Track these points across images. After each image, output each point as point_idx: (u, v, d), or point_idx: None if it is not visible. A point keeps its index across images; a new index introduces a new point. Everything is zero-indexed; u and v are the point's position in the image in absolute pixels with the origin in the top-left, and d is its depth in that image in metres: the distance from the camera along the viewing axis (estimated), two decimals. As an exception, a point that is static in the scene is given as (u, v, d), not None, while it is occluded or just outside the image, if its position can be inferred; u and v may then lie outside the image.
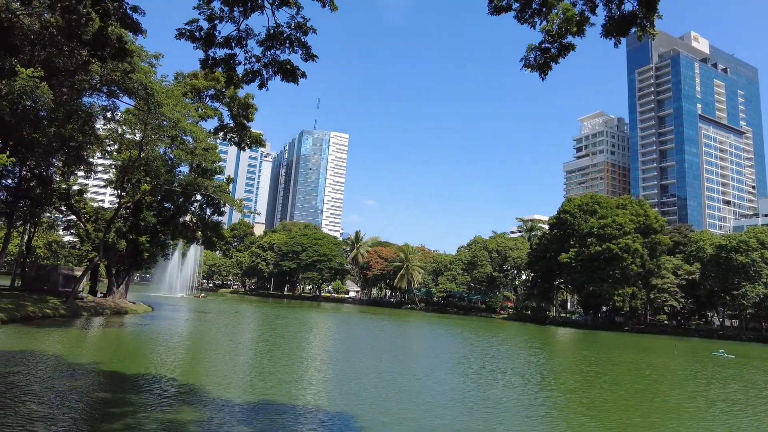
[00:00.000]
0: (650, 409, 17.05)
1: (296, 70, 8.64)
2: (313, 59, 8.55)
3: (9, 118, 27.90)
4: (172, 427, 10.88)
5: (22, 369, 15.67)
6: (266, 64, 8.61)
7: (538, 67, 8.18)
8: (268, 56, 8.54)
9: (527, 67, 8.28)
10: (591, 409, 16.73)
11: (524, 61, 8.28)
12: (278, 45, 8.38)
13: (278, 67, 8.59)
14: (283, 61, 8.54)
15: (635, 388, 22.16)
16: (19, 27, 26.43)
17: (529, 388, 20.20)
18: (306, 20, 8.20)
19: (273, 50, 8.47)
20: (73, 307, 34.85)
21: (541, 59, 8.11)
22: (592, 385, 22.05)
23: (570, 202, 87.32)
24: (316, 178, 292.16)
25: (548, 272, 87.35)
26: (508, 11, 7.91)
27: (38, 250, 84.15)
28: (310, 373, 19.90)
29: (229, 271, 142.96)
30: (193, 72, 47.20)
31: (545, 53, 8.05)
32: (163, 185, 42.41)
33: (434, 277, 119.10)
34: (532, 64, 8.22)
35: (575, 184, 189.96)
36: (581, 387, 21.37)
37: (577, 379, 23.64)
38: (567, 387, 21.41)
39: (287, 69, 8.56)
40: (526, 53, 8.23)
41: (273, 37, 8.25)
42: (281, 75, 8.69)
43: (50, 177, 40.89)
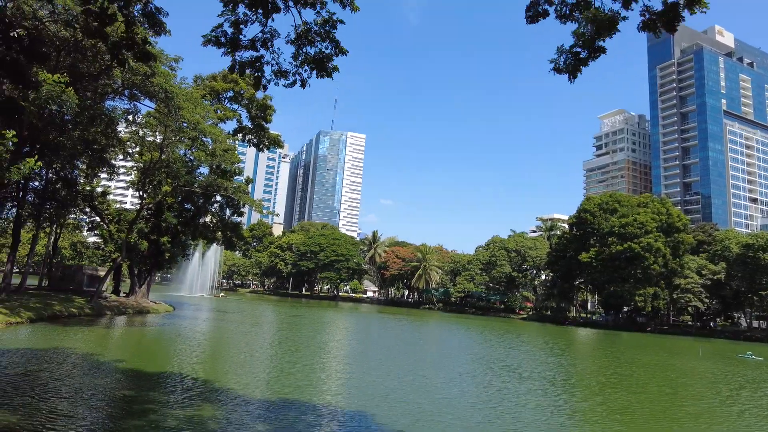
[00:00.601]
0: (680, 414, 16.48)
1: (331, 65, 8.71)
2: (343, 53, 8.61)
3: (36, 123, 28.61)
4: (193, 424, 11.06)
5: (50, 366, 16.09)
6: (302, 62, 8.70)
7: (568, 71, 8.12)
8: (301, 54, 8.64)
9: (557, 71, 8.22)
10: (618, 412, 16.23)
11: (554, 65, 8.22)
12: (308, 43, 8.47)
13: (314, 63, 8.68)
14: (318, 57, 8.63)
15: (663, 391, 21.56)
16: (45, 33, 27.10)
17: (552, 390, 19.75)
18: (332, 14, 8.27)
19: (305, 48, 8.56)
20: (97, 306, 35.62)
21: (572, 62, 8.04)
22: (617, 387, 21.44)
23: (589, 200, 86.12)
24: (334, 179, 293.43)
25: (568, 272, 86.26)
26: (545, 17, 7.86)
27: (64, 250, 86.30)
28: (329, 373, 19.98)
29: (248, 271, 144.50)
30: (211, 74, 47.86)
31: (576, 57, 8.00)
32: (184, 186, 43.06)
33: (452, 277, 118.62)
34: (562, 68, 8.17)
35: (595, 182, 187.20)
36: (606, 389, 20.77)
37: (600, 382, 23.04)
38: (591, 389, 20.87)
39: (323, 64, 8.65)
40: (556, 56, 8.18)
41: (303, 36, 8.34)
42: (316, 71, 8.78)
43: (75, 179, 41.86)
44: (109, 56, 12.27)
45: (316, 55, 8.70)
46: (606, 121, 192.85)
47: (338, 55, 8.77)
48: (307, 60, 8.76)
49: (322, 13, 8.22)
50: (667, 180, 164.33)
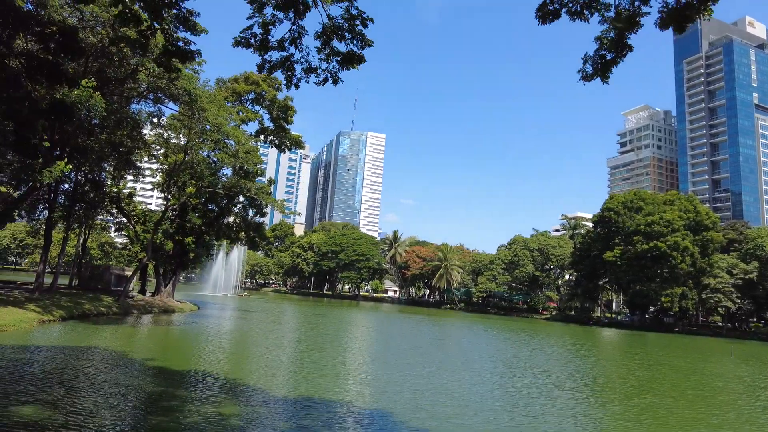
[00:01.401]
0: (721, 420, 15.60)
1: (358, 56, 8.76)
2: (369, 45, 8.63)
3: (66, 127, 29.37)
4: (219, 421, 11.22)
5: (81, 363, 16.53)
6: (327, 56, 8.76)
7: (598, 74, 8.01)
8: (326, 49, 8.70)
9: (585, 79, 8.13)
10: (651, 416, 15.49)
11: (581, 73, 8.12)
12: (337, 38, 8.53)
13: (342, 58, 8.74)
14: (346, 52, 8.69)
15: (700, 395, 20.69)
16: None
17: (580, 392, 19.11)
18: (361, 12, 8.30)
19: (332, 43, 8.62)
20: (124, 305, 36.40)
21: (600, 66, 7.93)
22: (648, 390, 20.53)
23: (614, 199, 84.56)
24: (354, 179, 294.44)
25: (592, 271, 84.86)
26: (557, 18, 7.77)
27: (92, 251, 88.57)
28: (351, 373, 20.01)
29: (270, 271, 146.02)
30: (233, 77, 48.50)
31: (603, 59, 7.90)
32: (208, 188, 43.72)
33: (474, 276, 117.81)
34: (590, 74, 8.06)
35: (620, 180, 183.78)
36: (636, 392, 19.93)
37: (630, 384, 22.14)
38: (621, 392, 20.05)
39: (349, 57, 8.70)
40: (583, 65, 8.09)
41: (329, 32, 8.39)
42: (341, 64, 8.83)
43: (102, 181, 42.89)
44: (156, 65, 12.66)
45: (347, 52, 8.75)
46: (630, 118, 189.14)
47: (364, 48, 8.81)
48: (334, 53, 8.81)
49: (351, 10, 8.24)
50: (695, 177, 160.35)
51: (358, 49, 8.68)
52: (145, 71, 31.19)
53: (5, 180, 44.49)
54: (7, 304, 25.93)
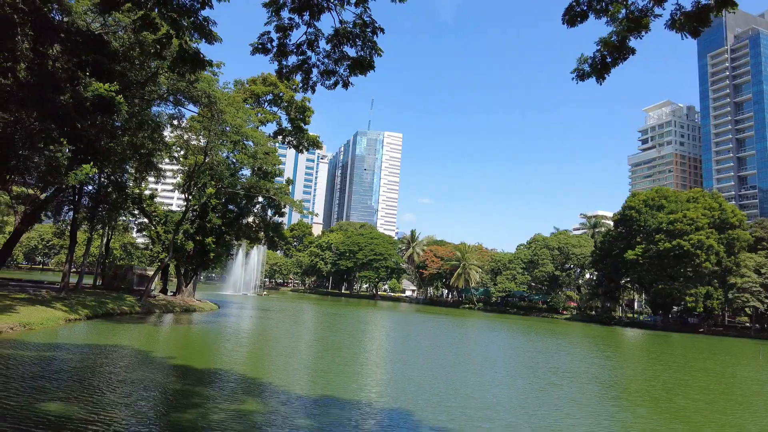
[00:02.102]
0: (762, 428, 14.77)
1: (367, 62, 8.79)
2: (378, 54, 8.66)
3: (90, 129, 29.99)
4: (240, 418, 11.36)
5: (106, 361, 16.89)
6: (337, 60, 8.82)
7: (594, 74, 7.89)
8: (336, 53, 8.75)
9: (580, 78, 8.01)
10: (684, 421, 14.82)
11: (577, 73, 8.00)
12: (347, 43, 8.58)
13: (351, 61, 8.78)
14: (356, 57, 8.73)
15: (732, 399, 19.91)
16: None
17: (605, 394, 18.53)
18: (373, 21, 8.33)
19: (341, 47, 8.67)
20: (146, 304, 37.03)
21: (599, 66, 7.81)
22: (675, 393, 19.74)
23: (635, 196, 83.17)
24: (371, 178, 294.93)
25: (614, 270, 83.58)
26: (585, 20, 7.66)
27: (115, 251, 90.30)
28: (370, 372, 20.03)
29: (289, 270, 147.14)
30: (251, 78, 49.00)
31: (603, 60, 7.77)
32: (227, 188, 44.24)
33: (492, 276, 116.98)
34: (587, 73, 7.94)
35: (641, 177, 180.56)
36: (665, 395, 19.24)
37: (658, 387, 21.23)
38: (649, 395, 19.19)
39: (359, 62, 8.73)
40: (579, 64, 7.97)
41: (341, 35, 8.44)
42: (351, 69, 8.87)
43: (125, 183, 43.70)
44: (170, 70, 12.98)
45: (356, 58, 8.78)
46: (652, 114, 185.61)
47: (373, 56, 8.83)
48: (344, 58, 8.86)
49: (364, 16, 8.27)
50: (720, 174, 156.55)
51: (368, 56, 8.71)
52: (165, 74, 31.70)
53: (33, 182, 45.73)
54: (35, 303, 26.63)
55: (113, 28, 29.46)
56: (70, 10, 25.46)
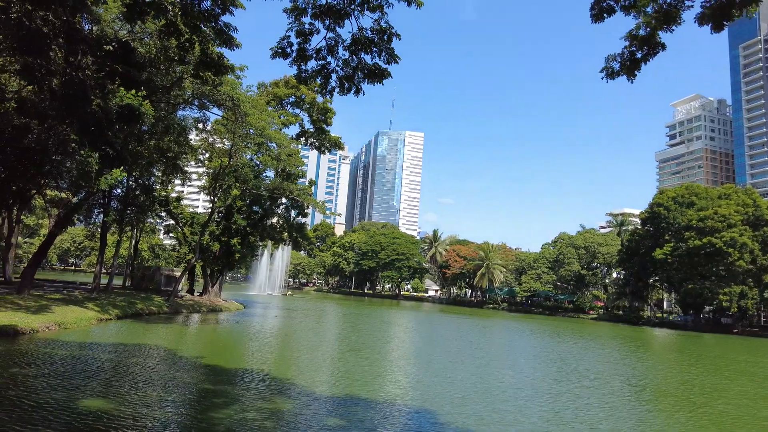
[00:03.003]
0: None
1: (384, 72, 8.83)
2: (395, 61, 8.68)
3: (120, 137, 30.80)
4: (268, 416, 11.53)
5: (137, 360, 17.32)
6: (354, 68, 8.87)
7: (625, 72, 7.74)
8: (354, 61, 8.80)
9: (609, 77, 7.86)
10: (726, 428, 14.28)
11: (606, 71, 7.85)
12: (364, 50, 8.62)
13: (367, 70, 8.82)
14: (371, 65, 8.77)
15: None
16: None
17: (638, 398, 17.81)
18: (390, 27, 8.35)
19: (359, 54, 8.71)
20: (174, 305, 37.79)
21: (628, 63, 7.65)
22: (715, 397, 18.96)
23: (663, 194, 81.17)
24: (393, 178, 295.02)
25: (642, 269, 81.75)
26: (612, 14, 7.54)
27: (143, 252, 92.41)
28: (394, 373, 20.05)
29: (312, 270, 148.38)
30: (274, 81, 49.59)
31: (632, 57, 7.62)
32: (252, 190, 44.84)
33: (517, 275, 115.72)
34: (616, 71, 7.79)
35: (669, 174, 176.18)
36: (704, 399, 18.39)
37: (694, 390, 20.40)
38: (685, 399, 18.42)
39: (375, 72, 8.77)
40: (608, 62, 7.82)
41: (358, 43, 8.49)
42: (368, 78, 8.91)
43: (152, 186, 44.71)
44: (193, 76, 13.34)
45: (372, 66, 8.81)
46: (680, 109, 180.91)
47: (390, 63, 8.85)
48: (361, 67, 8.89)
49: (381, 22, 8.29)
50: (754, 169, 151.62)
51: (384, 63, 8.73)
52: (189, 79, 32.31)
53: (65, 187, 47.17)
54: (69, 303, 27.49)
55: (139, 35, 30.18)
56: (99, 19, 26.21)
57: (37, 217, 78.00)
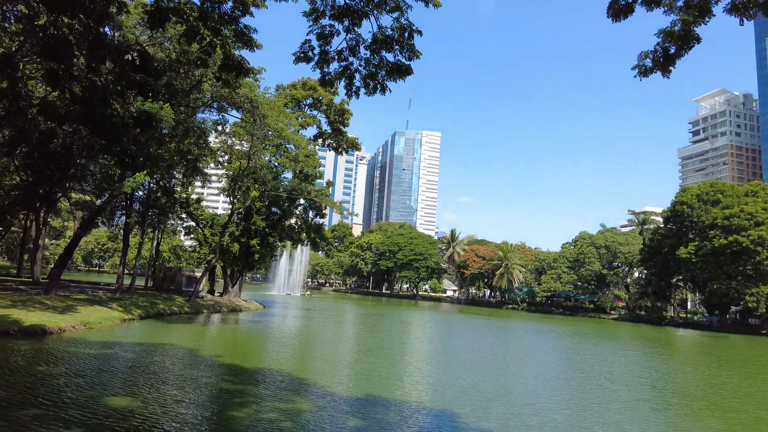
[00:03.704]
0: None
1: (407, 68, 8.82)
2: (417, 57, 8.67)
3: (140, 137, 31.36)
4: (288, 416, 11.61)
5: (159, 359, 17.60)
6: (377, 66, 8.89)
7: (659, 68, 7.58)
8: (375, 59, 8.81)
9: (643, 74, 7.72)
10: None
11: (639, 69, 7.71)
12: (385, 48, 8.63)
13: (390, 67, 8.83)
14: (394, 62, 8.78)
15: None
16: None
17: (664, 402, 17.17)
18: (411, 24, 8.35)
19: (380, 53, 8.72)
20: (195, 305, 38.31)
21: (662, 59, 7.50)
22: (749, 403, 18.01)
23: (686, 192, 79.50)
24: (410, 178, 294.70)
25: (664, 269, 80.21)
26: (631, 13, 7.41)
27: (164, 253, 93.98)
28: (412, 373, 20.02)
29: (331, 270, 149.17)
30: (292, 83, 49.96)
31: (665, 53, 7.46)
32: (270, 191, 45.24)
33: (537, 275, 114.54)
34: (649, 68, 7.64)
35: (692, 171, 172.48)
36: (737, 405, 17.45)
37: (726, 395, 19.53)
38: (717, 404, 17.63)
39: (398, 68, 8.78)
40: (640, 60, 7.68)
41: (379, 41, 8.50)
42: (390, 75, 8.91)
43: (173, 188, 45.43)
44: (215, 78, 13.59)
45: (395, 63, 8.81)
46: (704, 104, 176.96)
47: (412, 60, 8.83)
48: (382, 66, 8.89)
49: (401, 20, 8.29)
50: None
51: (406, 60, 8.71)
52: (208, 82, 32.74)
53: (89, 189, 48.16)
54: (94, 303, 28.08)
55: (159, 40, 30.70)
56: (121, 25, 26.73)
57: (62, 220, 79.86)
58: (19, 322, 19.68)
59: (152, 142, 34.56)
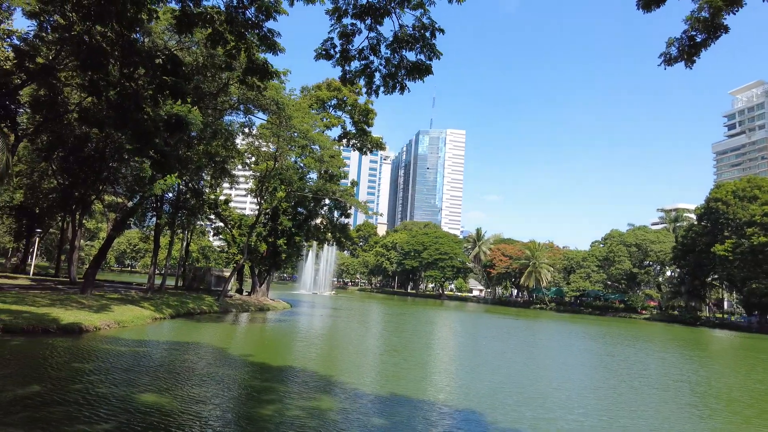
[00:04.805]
0: None
1: (427, 68, 8.81)
2: (437, 56, 8.65)
3: (170, 140, 32.11)
4: (315, 414, 11.73)
5: (190, 357, 18.02)
6: (397, 66, 8.90)
7: (683, 58, 7.37)
8: (395, 58, 8.83)
9: (667, 63, 7.51)
10: None
11: (664, 57, 7.51)
12: (406, 47, 8.63)
13: (410, 66, 8.84)
14: (414, 62, 8.79)
15: None
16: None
17: (707, 407, 16.38)
18: (433, 22, 8.33)
19: (400, 52, 8.73)
20: (224, 304, 39.01)
21: (687, 48, 7.28)
22: None
23: (721, 188, 77.01)
24: (434, 177, 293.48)
25: (698, 267, 77.89)
26: (662, 4, 7.21)
27: (194, 254, 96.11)
28: (440, 374, 19.93)
29: (356, 270, 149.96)
30: (316, 84, 50.41)
31: (691, 41, 7.24)
32: (296, 192, 45.75)
33: (565, 275, 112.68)
34: (674, 57, 7.43)
35: (728, 166, 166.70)
36: None
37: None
38: (766, 410, 16.85)
39: (418, 68, 8.78)
40: (666, 48, 7.47)
41: (400, 40, 8.51)
42: (409, 75, 8.91)
43: (201, 189, 46.40)
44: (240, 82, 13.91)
45: (414, 63, 8.80)
46: (740, 97, 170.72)
47: (432, 59, 8.80)
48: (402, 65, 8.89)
49: (423, 19, 8.28)
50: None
51: (426, 59, 8.69)
52: (235, 84, 33.31)
53: (121, 192, 49.55)
54: (126, 302, 28.92)
55: (187, 44, 31.40)
56: (150, 31, 27.46)
57: (96, 221, 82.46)
58: (57, 321, 20.43)
59: (181, 144, 35.43)
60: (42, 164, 43.39)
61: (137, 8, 9.24)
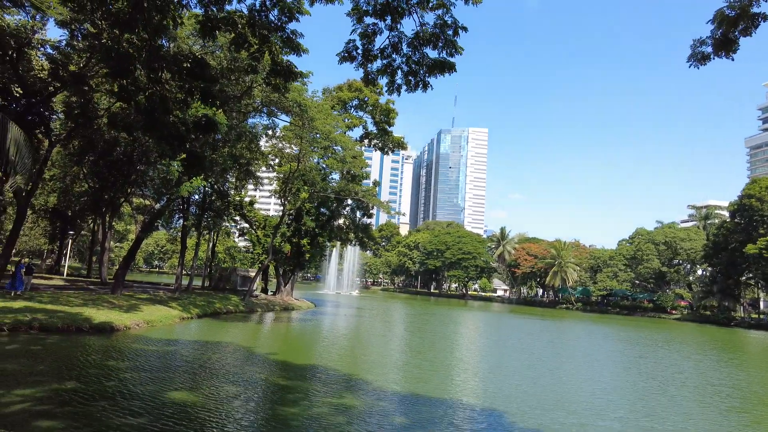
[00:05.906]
0: None
1: (450, 64, 8.80)
2: (459, 52, 8.62)
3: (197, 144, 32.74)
4: (340, 412, 11.83)
5: (217, 356, 18.34)
6: (418, 63, 8.91)
7: (722, 50, 7.12)
8: (416, 56, 8.84)
9: (699, 61, 7.29)
10: None
11: (695, 57, 7.30)
12: (428, 44, 8.64)
13: (431, 64, 8.84)
14: (435, 59, 8.79)
15: None
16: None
17: (756, 415, 15.60)
18: (456, 20, 8.31)
19: (421, 49, 8.74)
20: (249, 304, 39.57)
21: (721, 41, 7.03)
22: None
23: (756, 183, 74.59)
24: (457, 176, 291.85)
25: (731, 266, 75.59)
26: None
27: (220, 254, 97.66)
28: (461, 373, 19.84)
29: (379, 270, 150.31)
30: (338, 85, 50.68)
31: (726, 33, 7.00)
32: (319, 192, 46.11)
33: (592, 274, 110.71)
34: (707, 54, 7.17)
35: (762, 161, 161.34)
36: None
37: None
38: None
39: (440, 65, 8.77)
40: (697, 47, 7.26)
41: (422, 38, 8.52)
42: (430, 72, 8.91)
43: (227, 191, 47.15)
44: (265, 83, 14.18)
45: (436, 60, 8.78)
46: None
47: (453, 56, 8.76)
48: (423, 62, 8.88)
49: (445, 17, 8.25)
50: None
51: (447, 56, 8.66)
52: (259, 87, 33.75)
53: (149, 194, 50.70)
54: (155, 302, 29.60)
55: (211, 48, 31.95)
56: (175, 37, 28.02)
57: (125, 223, 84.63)
58: (90, 320, 21.05)
59: (206, 147, 36.06)
60: (74, 168, 44.73)
61: (162, 15, 9.45)
